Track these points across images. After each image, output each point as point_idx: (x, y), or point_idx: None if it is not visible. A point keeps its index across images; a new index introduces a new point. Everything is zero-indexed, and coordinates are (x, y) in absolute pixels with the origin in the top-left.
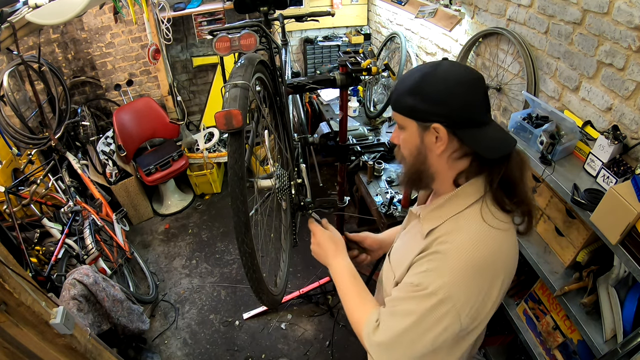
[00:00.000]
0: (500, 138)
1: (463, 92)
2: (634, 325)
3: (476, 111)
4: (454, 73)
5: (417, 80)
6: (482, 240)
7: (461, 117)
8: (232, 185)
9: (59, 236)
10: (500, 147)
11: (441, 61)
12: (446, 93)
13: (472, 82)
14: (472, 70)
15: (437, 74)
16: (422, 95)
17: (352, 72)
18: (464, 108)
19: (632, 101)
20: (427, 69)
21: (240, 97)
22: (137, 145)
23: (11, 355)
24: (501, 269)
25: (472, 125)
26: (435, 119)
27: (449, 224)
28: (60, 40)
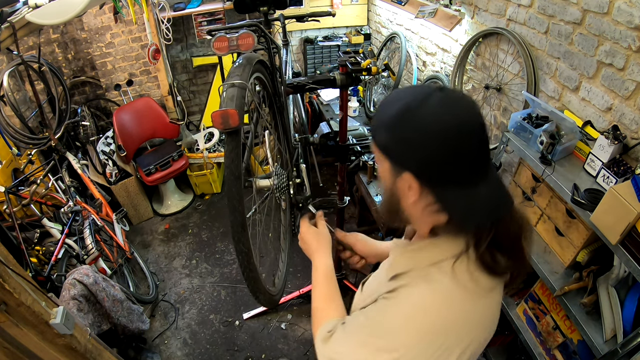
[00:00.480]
0: (490, 202)
1: (447, 145)
2: (634, 325)
3: (461, 170)
4: (442, 116)
5: (397, 113)
6: (450, 302)
7: (439, 172)
8: (228, 185)
9: (59, 236)
10: (484, 214)
11: (433, 92)
12: (425, 141)
13: (463, 133)
14: (468, 113)
15: (420, 114)
16: (398, 135)
17: (352, 72)
18: (444, 163)
19: (632, 101)
20: (412, 100)
21: (237, 97)
22: (137, 145)
23: (11, 355)
24: (464, 335)
25: (453, 183)
26: (408, 168)
27: (417, 272)
28: (60, 40)
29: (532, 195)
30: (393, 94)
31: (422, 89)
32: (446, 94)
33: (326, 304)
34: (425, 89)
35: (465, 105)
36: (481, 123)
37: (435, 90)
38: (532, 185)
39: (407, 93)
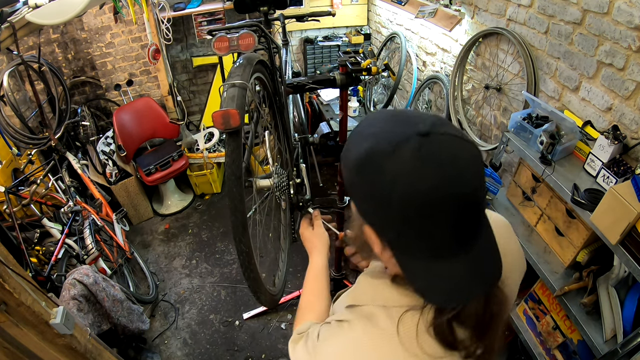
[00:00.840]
0: (459, 284)
1: (411, 215)
2: (634, 325)
3: (426, 244)
4: (411, 178)
5: (363, 156)
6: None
7: (399, 241)
8: (229, 185)
9: (59, 236)
10: (447, 296)
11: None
12: (385, 204)
13: (434, 203)
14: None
15: (386, 169)
16: (359, 185)
17: (352, 72)
18: (405, 234)
19: (632, 101)
20: (383, 144)
21: (238, 97)
22: (137, 145)
23: (11, 355)
24: None
25: (416, 254)
26: (368, 222)
27: (368, 310)
28: (60, 40)
29: (532, 195)
30: (372, 117)
31: (402, 127)
32: (427, 144)
33: (309, 304)
34: (406, 129)
35: (447, 164)
36: (464, 194)
37: (416, 136)
38: (532, 185)
39: (384, 126)
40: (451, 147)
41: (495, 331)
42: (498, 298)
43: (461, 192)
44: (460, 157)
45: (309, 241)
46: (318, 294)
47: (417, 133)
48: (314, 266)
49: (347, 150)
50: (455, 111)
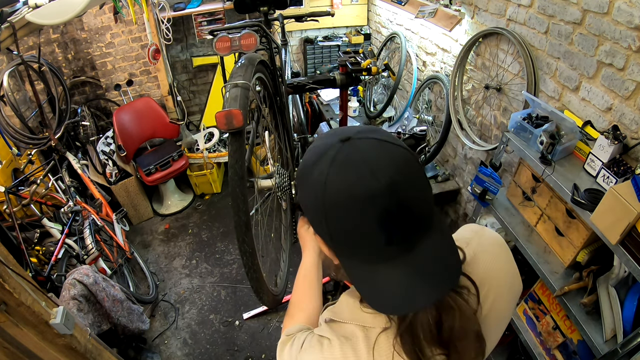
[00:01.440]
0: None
1: (335, 218)
2: (634, 325)
3: (359, 244)
4: (330, 182)
5: (300, 168)
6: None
7: (337, 245)
8: (232, 185)
9: (59, 236)
10: (392, 304)
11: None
12: (313, 208)
13: (354, 205)
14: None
15: (311, 177)
16: (299, 195)
17: (352, 72)
18: (337, 237)
19: (632, 101)
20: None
21: (241, 97)
22: (137, 145)
23: (11, 355)
24: None
25: (356, 258)
26: (315, 230)
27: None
28: (60, 40)
29: (532, 195)
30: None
31: (330, 138)
32: (345, 148)
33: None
34: (331, 140)
35: (365, 164)
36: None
37: (337, 143)
38: (532, 185)
39: (318, 142)
40: (369, 149)
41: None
42: (453, 313)
43: (376, 188)
44: (378, 158)
45: (302, 239)
46: (308, 294)
47: (339, 140)
48: (304, 265)
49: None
50: (455, 111)
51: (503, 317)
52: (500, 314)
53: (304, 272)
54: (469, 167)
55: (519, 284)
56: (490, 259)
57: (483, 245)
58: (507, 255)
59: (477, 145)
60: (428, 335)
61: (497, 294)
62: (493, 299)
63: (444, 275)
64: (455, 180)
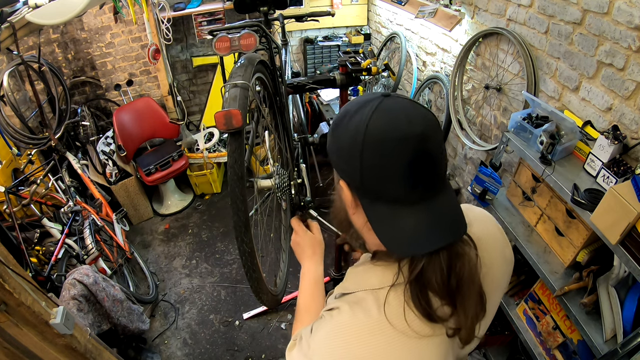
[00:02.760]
0: (422, 227)
1: (370, 157)
2: (634, 325)
3: (387, 184)
4: (369, 126)
5: (337, 118)
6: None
7: (364, 185)
8: (231, 185)
9: (59, 236)
10: (413, 242)
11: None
12: (349, 150)
13: (390, 143)
14: (401, 125)
15: (351, 122)
16: (333, 141)
17: (352, 72)
18: (367, 176)
19: (632, 101)
20: (353, 106)
21: (240, 97)
22: (137, 145)
23: (11, 355)
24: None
25: (381, 200)
26: (341, 175)
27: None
28: (60, 40)
29: (532, 195)
30: (349, 102)
31: (371, 95)
32: (387, 101)
33: (306, 310)
34: (373, 95)
35: (402, 114)
36: (420, 137)
37: (379, 97)
38: (532, 185)
39: (360, 98)
40: (407, 105)
41: (469, 300)
42: (463, 259)
43: (411, 133)
44: (415, 112)
45: (299, 245)
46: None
47: (380, 95)
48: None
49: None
50: (455, 111)
51: (498, 286)
52: (495, 281)
53: (315, 281)
54: (469, 167)
55: (510, 253)
56: (482, 226)
57: (475, 214)
58: (496, 225)
59: (477, 145)
60: (439, 280)
61: (491, 258)
62: (489, 263)
63: (456, 224)
64: (455, 180)
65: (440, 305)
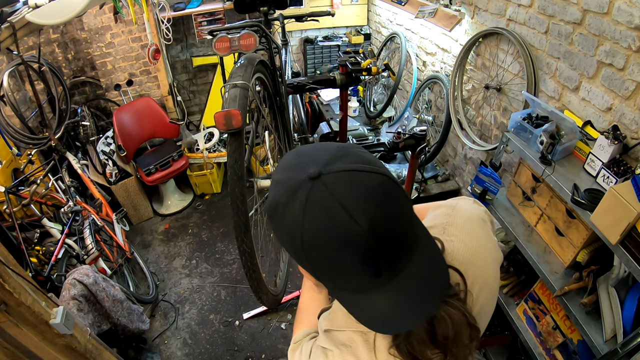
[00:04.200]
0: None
1: (315, 257)
2: (634, 325)
3: (345, 279)
4: (305, 227)
5: (268, 208)
6: None
7: (321, 280)
8: (231, 185)
9: (59, 236)
10: (387, 324)
11: (301, 185)
12: (295, 250)
13: (335, 247)
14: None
15: (283, 222)
16: (275, 232)
17: (352, 72)
18: (320, 273)
19: (632, 101)
20: (280, 196)
21: (240, 97)
22: (137, 145)
23: (11, 355)
24: None
25: (343, 290)
26: (295, 261)
27: (346, 336)
28: (60, 40)
29: (532, 195)
30: (281, 163)
31: (296, 173)
32: (315, 189)
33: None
34: (299, 174)
35: (339, 208)
36: (367, 232)
37: (307, 182)
38: (532, 185)
39: (284, 174)
40: (342, 186)
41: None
42: (445, 322)
43: (354, 232)
44: (354, 196)
45: None
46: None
47: (308, 177)
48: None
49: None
50: (455, 111)
51: (493, 290)
52: (490, 287)
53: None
54: (469, 167)
55: (499, 254)
56: (469, 239)
57: (459, 226)
58: (483, 230)
59: (477, 145)
60: (423, 344)
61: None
62: (482, 278)
63: (433, 289)
64: (455, 180)
65: (431, 356)
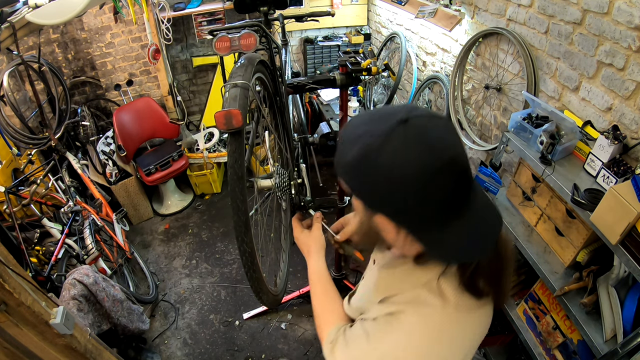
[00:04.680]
0: (471, 238)
1: (414, 191)
2: (634, 325)
3: (434, 212)
4: (404, 160)
5: (355, 156)
6: (441, 329)
7: (411, 217)
8: (232, 185)
9: (59, 236)
10: (465, 253)
11: (394, 129)
12: (390, 189)
13: (430, 175)
14: (437, 151)
15: (380, 158)
16: (361, 179)
17: (352, 72)
18: (415, 209)
19: (632, 101)
20: (372, 139)
21: (240, 97)
22: (137, 145)
23: (11, 355)
24: (460, 351)
25: (428, 225)
26: (380, 211)
27: (409, 295)
28: (60, 40)
29: (532, 195)
30: (351, 127)
31: (383, 122)
32: (409, 128)
33: (324, 309)
34: (387, 123)
35: (429, 143)
36: (451, 160)
37: (398, 125)
38: (532, 185)
39: (366, 128)
40: (429, 125)
41: (502, 284)
42: (508, 244)
43: (448, 157)
44: (438, 133)
45: (305, 245)
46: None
47: (397, 122)
48: (315, 270)
49: (340, 157)
50: (455, 111)
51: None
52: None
53: (317, 276)
54: None
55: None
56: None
57: None
58: None
59: (477, 145)
60: (492, 268)
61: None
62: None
63: (497, 216)
64: None
65: (485, 287)
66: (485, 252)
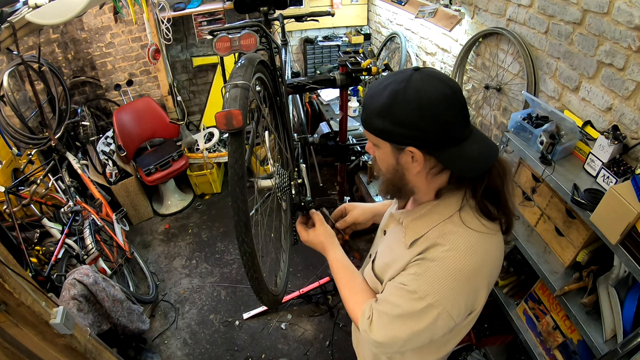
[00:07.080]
0: (479, 153)
1: (438, 113)
2: (634, 325)
3: (453, 129)
4: (427, 90)
5: (386, 100)
6: (471, 248)
7: (436, 138)
8: (232, 185)
9: (59, 236)
10: (478, 164)
11: (412, 74)
12: (419, 116)
13: (446, 98)
14: (446, 83)
15: (407, 94)
16: (393, 118)
17: (352, 72)
18: (439, 129)
19: (632, 101)
20: (396, 85)
21: (241, 97)
22: (137, 145)
23: (11, 355)
24: (487, 273)
25: (449, 144)
26: (409, 142)
27: (434, 232)
28: (60, 40)
29: (532, 195)
30: (375, 85)
31: (401, 74)
32: (422, 73)
33: (351, 292)
34: (404, 73)
35: (440, 78)
36: (457, 89)
37: (413, 72)
38: (532, 185)
39: (389, 80)
40: (435, 70)
41: (506, 200)
42: (497, 170)
43: (456, 88)
44: (441, 74)
45: (317, 243)
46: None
47: (412, 70)
48: (334, 259)
49: (370, 109)
50: None
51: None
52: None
53: (339, 264)
54: None
55: None
56: None
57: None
58: None
59: None
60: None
61: None
62: None
63: (491, 142)
64: None
65: (495, 210)
66: (491, 163)
